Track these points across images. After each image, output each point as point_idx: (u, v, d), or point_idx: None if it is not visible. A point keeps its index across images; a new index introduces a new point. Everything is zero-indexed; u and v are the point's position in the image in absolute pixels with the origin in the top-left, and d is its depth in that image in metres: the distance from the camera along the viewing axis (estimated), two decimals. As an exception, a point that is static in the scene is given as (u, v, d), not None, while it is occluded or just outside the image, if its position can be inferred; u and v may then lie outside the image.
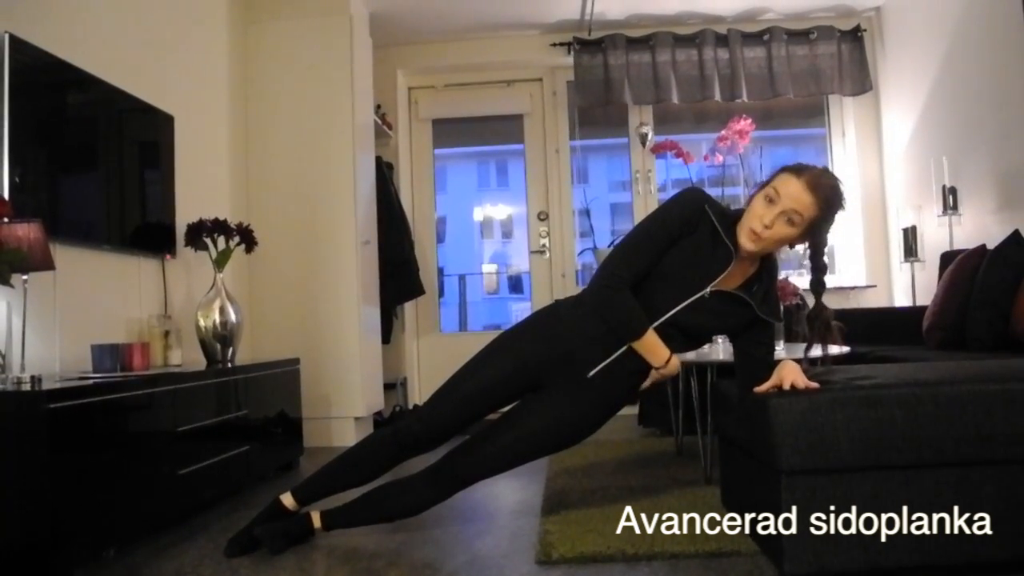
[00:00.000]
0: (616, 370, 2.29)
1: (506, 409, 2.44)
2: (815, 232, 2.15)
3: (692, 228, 2.24)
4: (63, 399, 2.12)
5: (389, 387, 5.11)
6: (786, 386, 2.00)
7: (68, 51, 2.90)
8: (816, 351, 2.31)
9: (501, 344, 2.43)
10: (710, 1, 5.21)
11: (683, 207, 2.28)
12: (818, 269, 2.21)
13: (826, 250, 2.22)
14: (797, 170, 2.12)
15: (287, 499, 2.47)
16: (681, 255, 2.24)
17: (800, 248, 2.25)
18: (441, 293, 5.96)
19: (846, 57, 5.34)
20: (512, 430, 2.36)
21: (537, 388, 2.39)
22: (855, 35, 5.36)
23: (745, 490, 2.29)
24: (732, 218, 2.24)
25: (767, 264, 2.29)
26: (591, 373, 2.29)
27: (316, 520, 2.44)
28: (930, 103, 4.76)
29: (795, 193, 2.09)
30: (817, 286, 2.22)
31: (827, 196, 2.10)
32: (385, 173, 5.13)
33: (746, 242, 2.15)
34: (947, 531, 1.88)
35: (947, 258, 4.06)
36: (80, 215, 3.04)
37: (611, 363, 2.28)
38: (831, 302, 2.26)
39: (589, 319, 2.32)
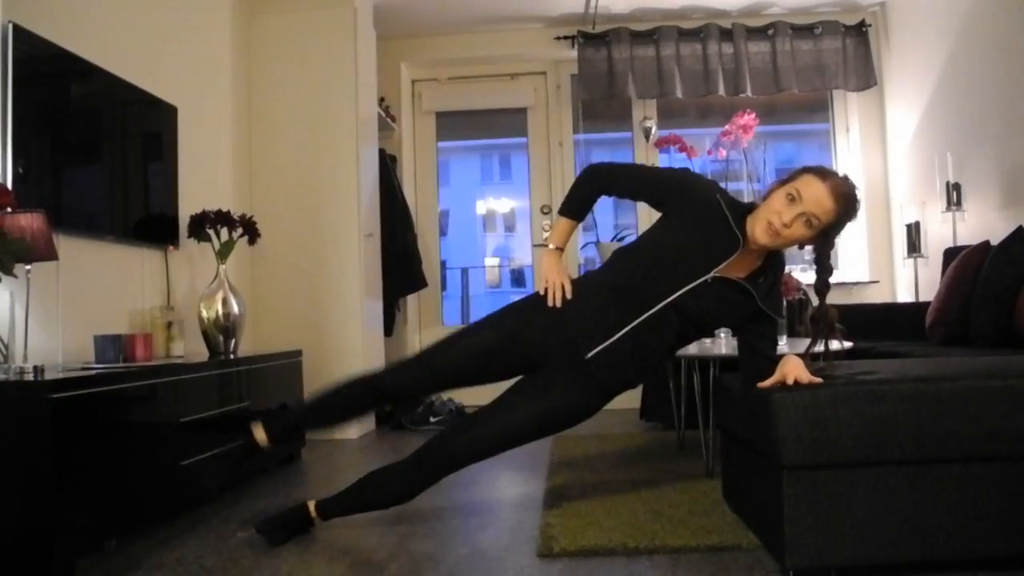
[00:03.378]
0: (615, 353, 2.27)
1: (494, 390, 2.43)
2: (826, 235, 2.16)
3: (686, 200, 2.27)
4: (66, 389, 2.12)
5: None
6: (789, 381, 1.99)
7: (72, 41, 2.90)
8: (818, 349, 2.30)
9: (498, 316, 2.44)
10: (715, -5, 5.21)
11: (690, 177, 2.34)
12: (824, 270, 2.20)
13: (832, 252, 2.22)
14: (822, 174, 2.12)
15: (259, 433, 2.49)
16: (688, 238, 2.24)
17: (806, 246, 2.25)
18: (443, 286, 5.96)
19: (851, 52, 5.33)
20: (504, 413, 2.34)
21: (532, 368, 2.38)
22: (860, 30, 5.34)
23: (747, 484, 2.29)
24: (741, 209, 2.24)
25: (774, 259, 2.28)
26: (589, 355, 2.28)
27: (312, 510, 2.45)
28: (934, 99, 4.75)
29: (819, 197, 2.08)
30: (822, 286, 2.21)
31: (846, 205, 2.11)
32: (388, 166, 5.13)
33: (762, 236, 2.14)
34: (949, 527, 1.88)
35: (950, 254, 4.05)
36: (83, 206, 3.04)
37: (610, 345, 2.27)
38: (834, 297, 2.26)
39: (590, 299, 2.32)
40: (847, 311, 3.26)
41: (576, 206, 2.47)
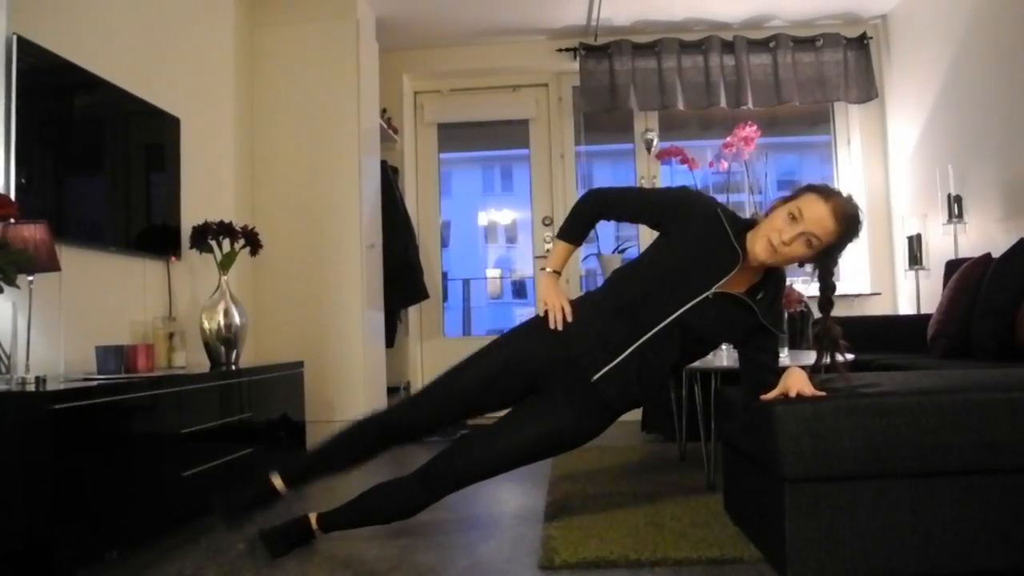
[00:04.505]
0: (620, 373, 2.28)
1: (502, 413, 2.43)
2: (827, 254, 2.16)
3: (686, 218, 2.28)
4: (67, 400, 2.12)
5: (392, 391, 5.11)
6: (792, 394, 1.99)
7: (76, 53, 2.91)
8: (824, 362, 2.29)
9: (499, 342, 2.44)
10: (717, 8, 5.22)
11: (689, 195, 2.35)
12: (827, 287, 2.20)
13: (835, 268, 2.21)
14: (825, 194, 2.11)
15: (277, 481, 2.43)
16: (688, 255, 2.24)
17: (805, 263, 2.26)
18: (445, 297, 5.97)
19: (852, 65, 5.35)
20: (509, 434, 2.34)
21: (538, 389, 2.38)
22: (861, 43, 5.36)
23: (749, 497, 2.29)
24: (741, 225, 2.25)
25: (774, 274, 2.29)
26: (595, 377, 2.29)
27: (314, 522, 2.44)
28: (936, 111, 4.76)
29: (820, 218, 2.08)
30: (825, 304, 2.21)
31: (848, 226, 2.10)
32: (390, 177, 5.14)
33: (761, 252, 2.15)
34: (951, 540, 1.88)
35: (952, 266, 4.05)
36: (86, 216, 3.05)
37: (616, 366, 2.27)
38: (835, 309, 2.25)
39: (592, 321, 2.32)
40: (848, 323, 3.26)
41: (574, 231, 2.48)
